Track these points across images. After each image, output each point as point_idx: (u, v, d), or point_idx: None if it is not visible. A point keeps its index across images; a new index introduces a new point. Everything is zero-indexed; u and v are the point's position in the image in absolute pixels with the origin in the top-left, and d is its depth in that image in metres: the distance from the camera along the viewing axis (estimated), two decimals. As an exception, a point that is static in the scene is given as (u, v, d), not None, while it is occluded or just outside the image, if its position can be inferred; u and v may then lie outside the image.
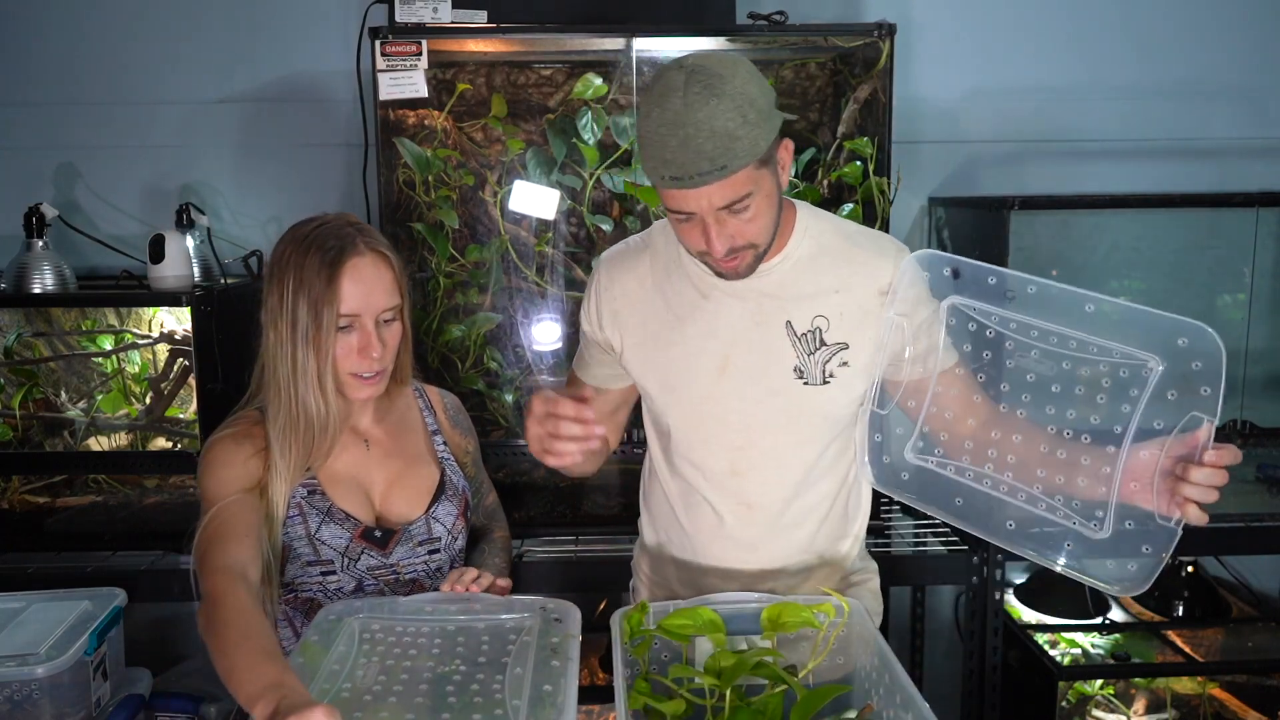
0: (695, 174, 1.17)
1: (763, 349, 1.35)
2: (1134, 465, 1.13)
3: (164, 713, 1.70)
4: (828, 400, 1.35)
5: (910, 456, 1.32)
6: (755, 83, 1.19)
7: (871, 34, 2.04)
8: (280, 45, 2.38)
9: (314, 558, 1.35)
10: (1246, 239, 2.45)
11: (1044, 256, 2.45)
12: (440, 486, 1.47)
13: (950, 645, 2.62)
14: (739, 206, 1.21)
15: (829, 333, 1.34)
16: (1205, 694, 2.20)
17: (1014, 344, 1.20)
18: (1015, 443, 1.24)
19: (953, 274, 1.25)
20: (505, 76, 2.26)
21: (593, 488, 2.24)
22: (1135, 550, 1.12)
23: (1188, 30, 2.49)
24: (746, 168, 1.18)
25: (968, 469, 1.26)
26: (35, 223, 2.12)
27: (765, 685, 1.16)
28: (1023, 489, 1.21)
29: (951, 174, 2.50)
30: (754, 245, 1.27)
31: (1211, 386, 1.06)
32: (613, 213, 2.22)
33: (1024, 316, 1.19)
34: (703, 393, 1.38)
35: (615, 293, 1.44)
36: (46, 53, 2.38)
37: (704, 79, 1.16)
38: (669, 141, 1.16)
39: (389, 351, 1.37)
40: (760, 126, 1.18)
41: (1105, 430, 1.14)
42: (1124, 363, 1.12)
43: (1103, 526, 1.15)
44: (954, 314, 1.26)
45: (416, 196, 2.14)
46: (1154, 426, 1.11)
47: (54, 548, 2.04)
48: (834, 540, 1.45)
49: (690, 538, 1.45)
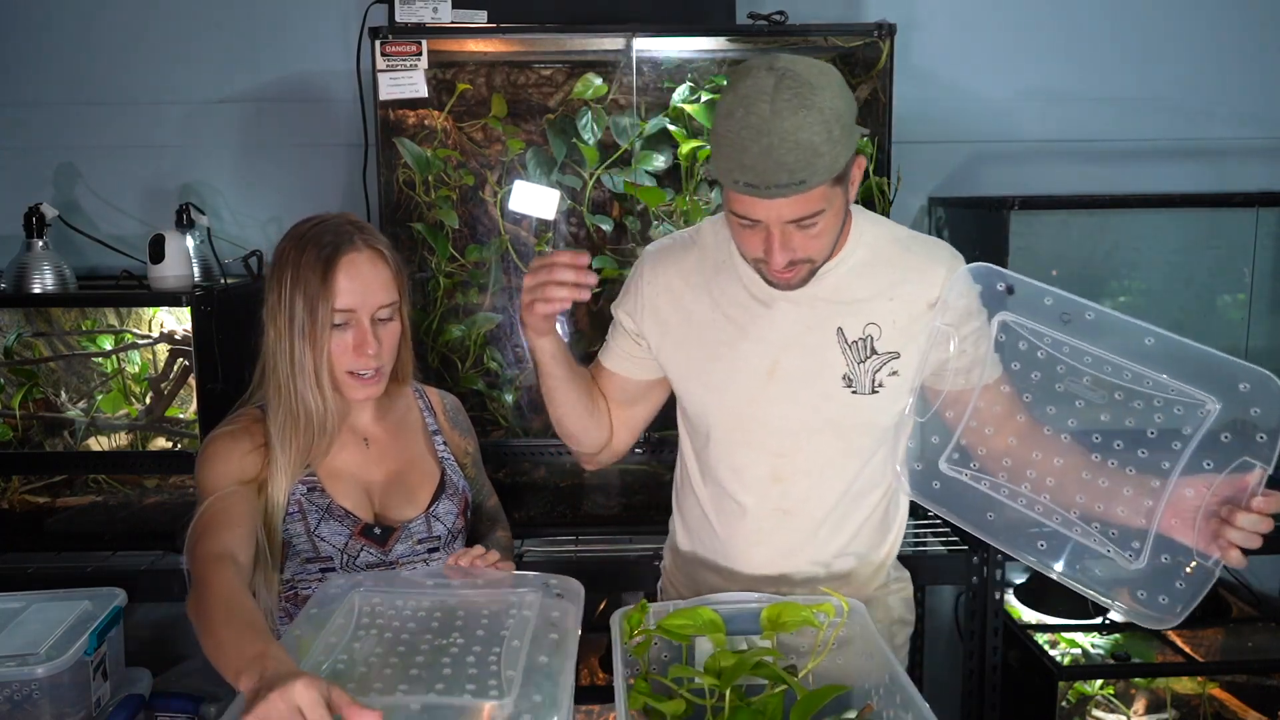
0: (773, 185, 1.13)
1: (813, 355, 1.32)
2: (1177, 501, 1.12)
3: (164, 713, 1.70)
4: (876, 410, 1.33)
5: (944, 467, 1.29)
6: (843, 96, 1.16)
7: (871, 34, 2.05)
8: (280, 45, 2.39)
9: (313, 555, 1.35)
10: (1246, 239, 2.45)
11: (1044, 256, 2.44)
12: (441, 485, 1.46)
13: (950, 645, 2.62)
14: (808, 222, 1.19)
15: (880, 341, 1.31)
16: (1205, 694, 2.20)
17: (1065, 368, 1.18)
18: (1056, 465, 1.22)
19: (1007, 290, 1.22)
20: (505, 76, 2.26)
21: (593, 488, 2.25)
22: (1169, 584, 1.12)
23: (1188, 30, 2.49)
24: (824, 185, 1.15)
25: (1003, 485, 1.24)
26: (35, 223, 2.12)
27: (765, 685, 1.16)
28: (1059, 512, 1.19)
29: (951, 174, 2.50)
30: (812, 260, 1.25)
31: (1269, 434, 1.06)
32: (613, 213, 2.22)
33: (1078, 341, 1.16)
34: (748, 395, 1.35)
35: (659, 287, 1.41)
36: (47, 53, 2.38)
37: (795, 87, 1.12)
38: (750, 147, 1.13)
39: (385, 350, 1.37)
40: (843, 143, 1.15)
41: (1151, 463, 1.13)
42: (1179, 400, 1.11)
43: (1139, 557, 1.14)
44: (1004, 330, 1.24)
45: (416, 196, 2.14)
46: (1203, 466, 1.10)
47: (54, 548, 2.04)
48: (871, 548, 1.43)
49: (723, 542, 1.43)
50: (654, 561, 1.97)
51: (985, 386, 1.29)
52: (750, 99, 1.13)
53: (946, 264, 1.33)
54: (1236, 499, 1.08)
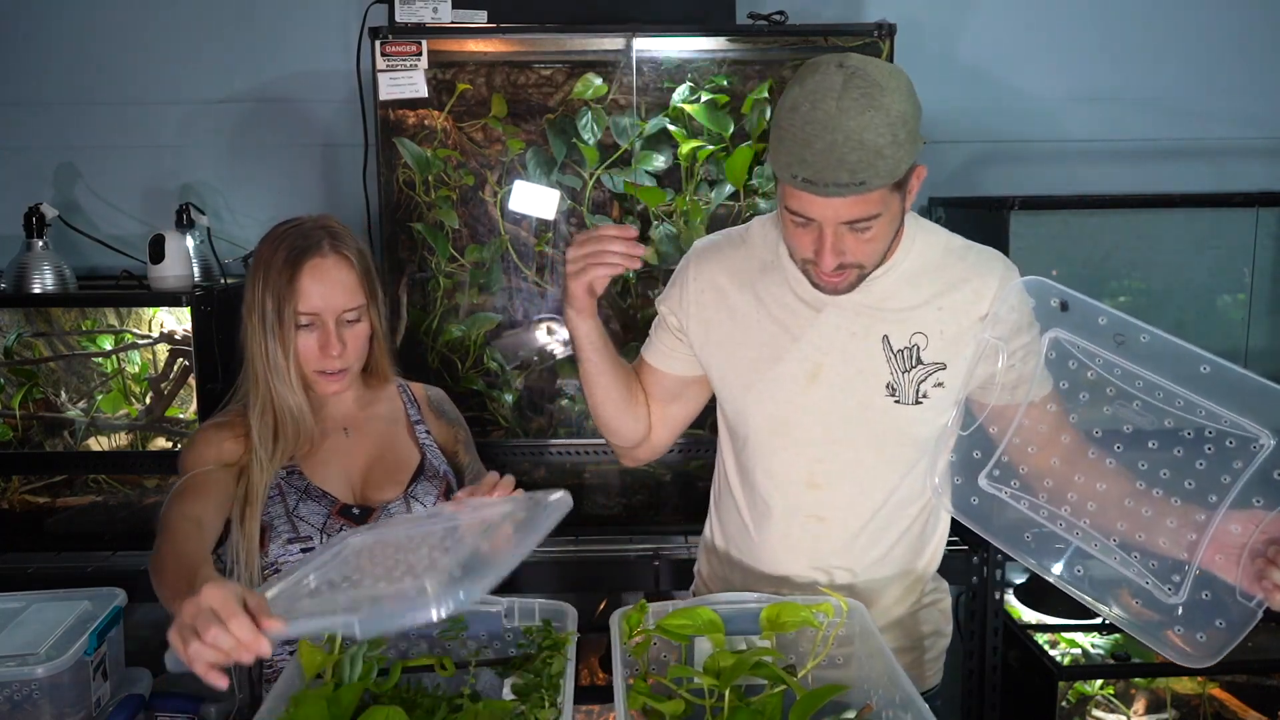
0: (832, 183, 1.12)
1: (857, 362, 1.30)
2: (1222, 536, 1.08)
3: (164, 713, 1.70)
4: (918, 421, 1.30)
5: (984, 483, 1.26)
6: (911, 101, 1.15)
7: (871, 34, 2.04)
8: (280, 45, 2.39)
9: (294, 535, 1.38)
10: (1246, 239, 2.45)
11: (1044, 256, 2.44)
12: (420, 468, 1.49)
13: (950, 645, 2.62)
14: (862, 225, 1.17)
15: (926, 351, 1.29)
16: (1205, 694, 2.20)
17: (1115, 390, 1.14)
18: (1099, 490, 1.18)
19: (1061, 306, 1.18)
20: (505, 76, 2.26)
21: (593, 488, 2.24)
22: (1208, 622, 1.08)
23: (1188, 30, 2.49)
24: (883, 188, 1.14)
25: (1043, 506, 1.21)
26: (35, 223, 2.12)
27: (765, 685, 1.16)
28: (1097, 538, 1.16)
29: (951, 174, 2.50)
30: (861, 266, 1.23)
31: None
32: (613, 213, 2.22)
33: (1131, 364, 1.12)
34: (788, 399, 1.33)
35: (704, 284, 1.40)
36: (47, 53, 2.38)
37: (864, 86, 1.11)
38: (814, 143, 1.11)
39: (351, 351, 1.41)
40: (906, 147, 1.14)
41: (1198, 495, 1.09)
42: (1232, 432, 1.06)
43: (1178, 591, 1.10)
44: (1055, 347, 1.20)
45: (416, 196, 2.14)
46: (1253, 502, 1.06)
47: (54, 548, 2.04)
48: (908, 561, 1.41)
49: (757, 546, 1.41)
50: (653, 562, 1.97)
51: (1031, 404, 1.25)
52: (817, 95, 1.12)
53: (1000, 275, 1.29)
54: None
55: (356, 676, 1.12)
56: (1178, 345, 1.09)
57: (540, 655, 1.18)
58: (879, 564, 1.39)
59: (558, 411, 2.25)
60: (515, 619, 1.24)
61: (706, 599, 1.24)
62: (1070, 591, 1.19)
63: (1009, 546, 1.23)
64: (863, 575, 1.39)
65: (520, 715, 1.09)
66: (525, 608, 1.25)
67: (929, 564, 1.44)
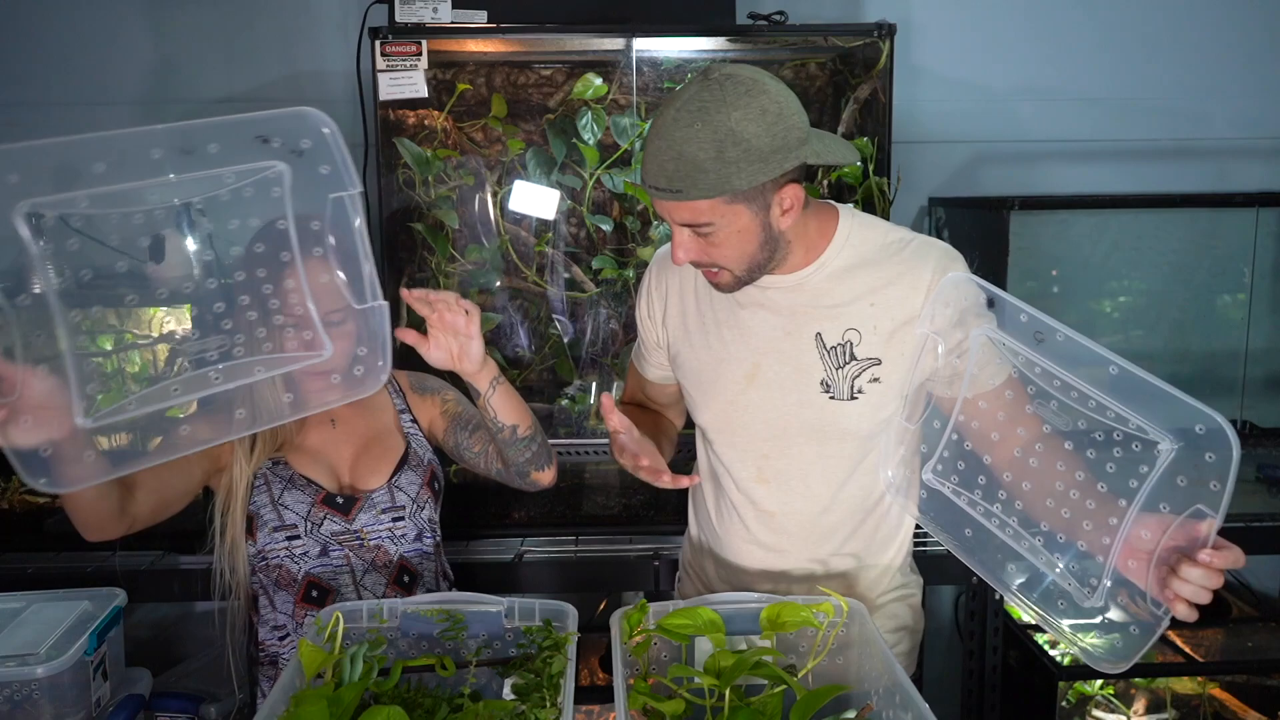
0: (653, 186, 1.19)
1: (791, 360, 1.33)
2: (1135, 541, 1.06)
3: (164, 713, 1.70)
4: (854, 416, 1.31)
5: (929, 478, 1.28)
6: (762, 121, 1.15)
7: (871, 34, 2.05)
8: (280, 45, 2.39)
9: (279, 523, 1.42)
10: (1246, 239, 2.45)
11: (1044, 256, 2.45)
12: (404, 458, 1.51)
13: (950, 645, 2.62)
14: (701, 230, 1.21)
15: (860, 347, 1.30)
16: (1205, 694, 2.20)
17: (1035, 390, 1.14)
18: (1024, 489, 1.18)
19: (987, 303, 1.19)
20: (505, 76, 2.26)
21: (593, 488, 2.25)
22: (1124, 627, 1.07)
23: (1188, 31, 2.49)
24: (711, 200, 1.17)
25: (979, 504, 1.21)
26: (35, 223, 2.12)
27: (765, 685, 1.16)
28: (1025, 536, 1.16)
29: (951, 174, 2.50)
30: (724, 268, 1.26)
31: (1221, 483, 0.98)
32: (613, 213, 2.22)
33: (1050, 364, 1.11)
34: (731, 398, 1.37)
35: (664, 290, 1.45)
36: (47, 53, 2.38)
37: (706, 100, 1.14)
38: (649, 147, 1.19)
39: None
40: (739, 165, 1.14)
41: (1109, 499, 1.08)
42: (1138, 436, 1.04)
43: (1095, 596, 1.09)
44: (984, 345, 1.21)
45: (416, 196, 2.14)
46: (1159, 508, 1.04)
47: (54, 548, 2.04)
48: (872, 552, 1.42)
49: (720, 538, 1.45)
50: (653, 562, 1.97)
51: (966, 400, 1.26)
52: (672, 99, 1.18)
53: (934, 268, 1.29)
54: (1189, 549, 1.01)
55: (357, 676, 1.12)
56: (1088, 345, 1.07)
57: (540, 655, 1.18)
58: (836, 557, 1.40)
59: (558, 411, 2.26)
60: (515, 619, 1.25)
61: (706, 599, 1.24)
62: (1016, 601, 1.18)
63: (951, 543, 1.24)
64: (824, 564, 1.41)
65: (520, 715, 1.09)
66: (525, 608, 1.25)
67: (895, 558, 1.45)
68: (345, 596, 1.44)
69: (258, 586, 1.45)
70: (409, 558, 1.48)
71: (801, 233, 1.29)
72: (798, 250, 1.31)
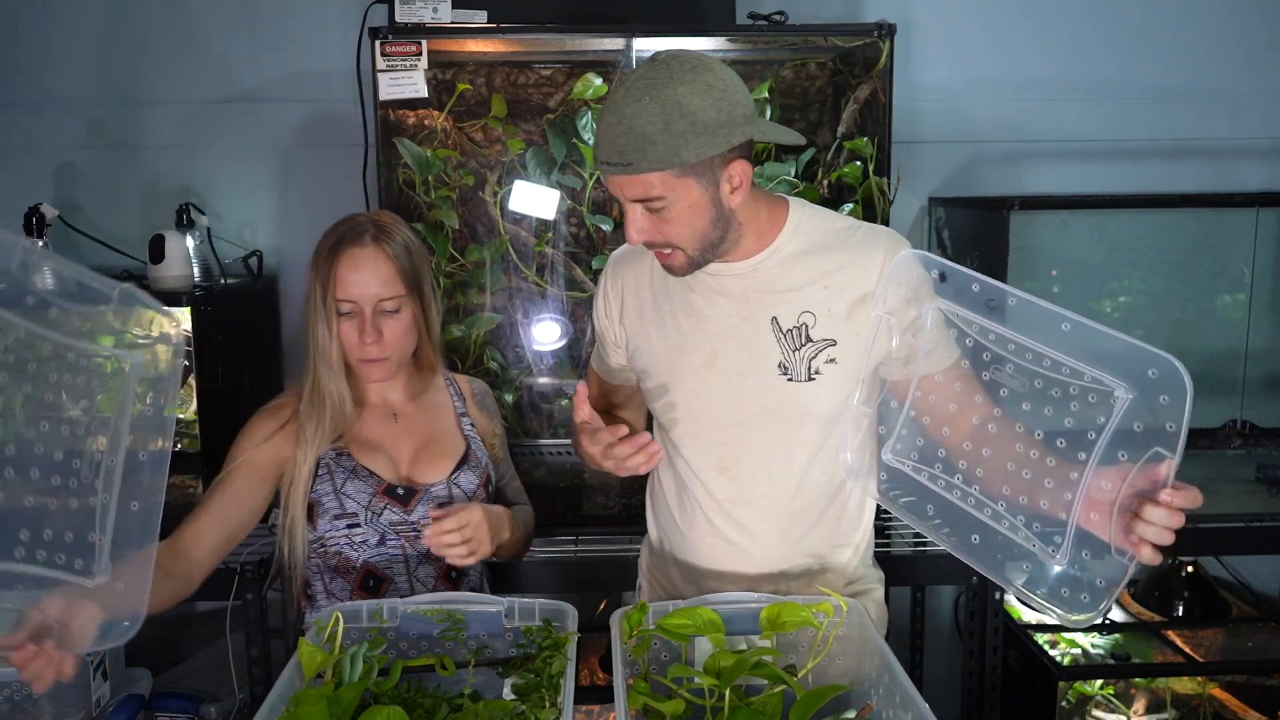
0: (605, 161, 1.23)
1: (749, 345, 1.35)
2: (1095, 494, 1.08)
3: (164, 713, 1.71)
4: (813, 398, 1.34)
5: (888, 458, 1.29)
6: (708, 95, 1.19)
7: (871, 34, 2.04)
8: (280, 45, 2.39)
9: (340, 511, 1.45)
10: (1246, 239, 2.45)
11: (1044, 256, 2.45)
12: (465, 457, 1.55)
13: (950, 645, 2.62)
14: (653, 205, 1.24)
15: (815, 329, 1.33)
16: (1205, 694, 2.20)
17: (991, 355, 1.16)
18: (984, 456, 1.20)
19: (940, 277, 1.21)
20: (505, 76, 2.26)
21: (593, 488, 2.24)
22: (1090, 581, 1.09)
23: (1188, 30, 2.49)
24: (661, 173, 1.20)
25: (940, 478, 1.23)
26: (35, 223, 2.12)
27: (765, 685, 1.16)
28: (989, 504, 1.18)
29: (951, 174, 2.50)
30: (677, 247, 1.28)
31: (1176, 423, 1.00)
32: (613, 213, 2.22)
33: (1002, 329, 1.14)
34: (690, 387, 1.38)
35: (621, 288, 1.48)
36: (47, 53, 2.38)
37: (654, 77, 1.19)
38: (600, 125, 1.23)
39: (389, 341, 1.45)
40: (686, 138, 1.18)
41: (1069, 455, 1.10)
42: (1093, 388, 1.06)
43: (1060, 553, 1.11)
44: (939, 319, 1.24)
45: (416, 196, 2.14)
46: (1118, 458, 1.06)
47: (54, 548, 2.04)
48: (832, 546, 1.43)
49: (685, 536, 1.45)
50: (654, 561, 1.97)
51: (923, 376, 1.28)
52: (620, 82, 1.23)
53: (884, 251, 1.33)
54: (1150, 493, 1.04)
55: (357, 676, 1.12)
56: (1040, 305, 1.10)
57: (540, 655, 1.19)
58: (801, 552, 1.41)
59: (558, 411, 2.26)
60: (515, 619, 1.25)
61: (706, 599, 1.25)
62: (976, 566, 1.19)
63: (916, 522, 1.25)
64: (786, 563, 1.41)
65: (520, 715, 1.09)
66: (525, 608, 1.25)
67: (855, 552, 1.46)
68: (399, 586, 1.47)
69: (313, 573, 1.48)
70: None
71: (753, 217, 1.33)
72: (750, 236, 1.34)
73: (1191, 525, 2.08)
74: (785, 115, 2.29)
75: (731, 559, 1.41)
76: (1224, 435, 2.46)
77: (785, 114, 2.29)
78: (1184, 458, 1.03)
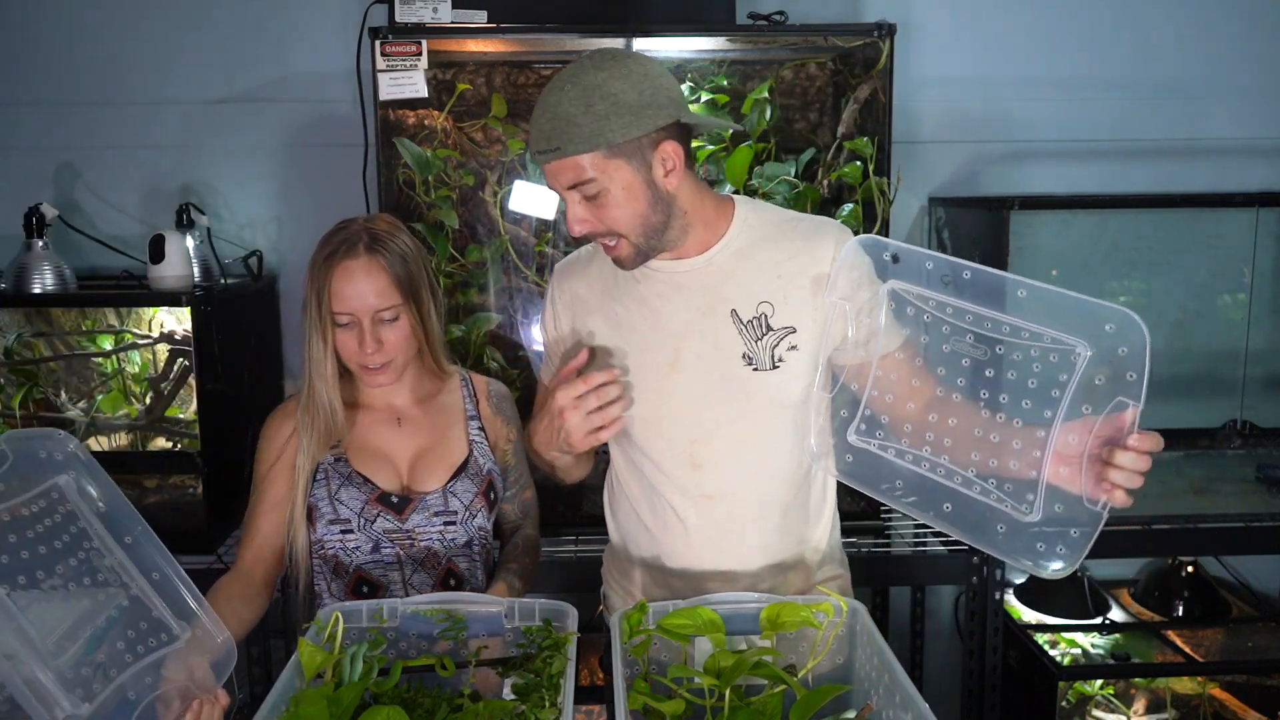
0: (535, 150, 1.26)
1: (710, 339, 1.36)
2: (1063, 449, 1.13)
3: (164, 713, 1.70)
4: (779, 386, 1.35)
5: (853, 439, 1.31)
6: (628, 79, 1.23)
7: (871, 34, 2.04)
8: (280, 45, 2.39)
9: (334, 516, 1.45)
10: (1246, 239, 2.45)
11: (1044, 256, 2.45)
12: (464, 465, 1.52)
13: (950, 645, 2.62)
14: (587, 190, 1.25)
15: (774, 317, 1.34)
16: (1205, 694, 2.20)
17: (950, 328, 1.20)
18: (951, 426, 1.23)
19: (892, 259, 1.25)
20: (505, 76, 2.26)
21: (593, 488, 2.24)
22: (1065, 534, 1.14)
23: (1187, 30, 2.49)
24: (588, 154, 1.22)
25: (907, 451, 1.26)
26: (35, 223, 2.12)
27: (765, 685, 1.16)
28: (958, 472, 1.22)
29: (951, 174, 2.50)
30: (619, 234, 1.29)
31: (1137, 371, 1.06)
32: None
33: (959, 301, 1.19)
34: (656, 387, 1.38)
35: (566, 300, 1.48)
36: (47, 52, 2.38)
37: (576, 68, 1.24)
38: (531, 118, 1.26)
39: (389, 348, 1.44)
40: (610, 118, 1.21)
41: (1035, 414, 1.15)
42: (1054, 348, 1.12)
43: (1033, 510, 1.16)
44: (895, 298, 1.27)
45: (416, 196, 2.14)
46: (1083, 411, 1.12)
47: (54, 548, 2.04)
48: (800, 539, 1.44)
49: (655, 538, 1.44)
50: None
51: (884, 356, 1.31)
52: (550, 80, 1.27)
53: (834, 238, 1.35)
54: (1116, 439, 1.09)
55: (357, 676, 1.12)
56: (994, 275, 1.16)
57: (540, 655, 1.19)
58: (771, 546, 1.41)
59: (558, 411, 2.25)
60: (515, 619, 1.25)
61: (706, 599, 1.25)
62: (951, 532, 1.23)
63: (885, 498, 1.28)
64: (756, 559, 1.41)
65: (520, 715, 1.09)
66: (525, 608, 1.25)
67: (821, 540, 1.47)
68: (394, 593, 1.46)
69: (316, 572, 1.49)
70: (457, 562, 1.49)
71: (698, 207, 1.35)
72: (698, 227, 1.36)
73: (1192, 525, 2.09)
74: (785, 115, 2.29)
75: (701, 557, 1.40)
76: (1224, 435, 2.46)
77: (785, 114, 2.29)
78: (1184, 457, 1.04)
